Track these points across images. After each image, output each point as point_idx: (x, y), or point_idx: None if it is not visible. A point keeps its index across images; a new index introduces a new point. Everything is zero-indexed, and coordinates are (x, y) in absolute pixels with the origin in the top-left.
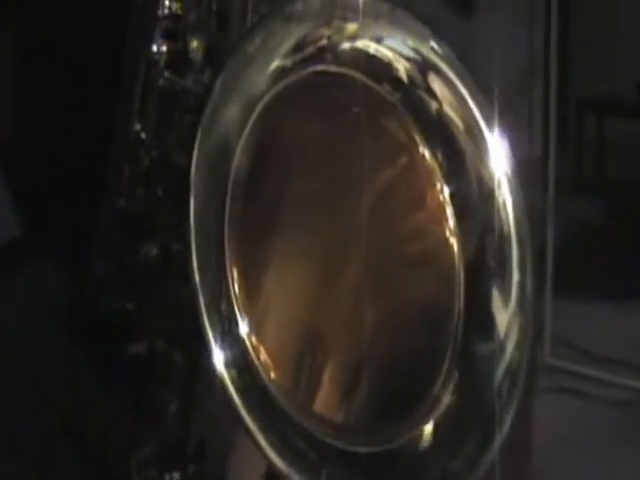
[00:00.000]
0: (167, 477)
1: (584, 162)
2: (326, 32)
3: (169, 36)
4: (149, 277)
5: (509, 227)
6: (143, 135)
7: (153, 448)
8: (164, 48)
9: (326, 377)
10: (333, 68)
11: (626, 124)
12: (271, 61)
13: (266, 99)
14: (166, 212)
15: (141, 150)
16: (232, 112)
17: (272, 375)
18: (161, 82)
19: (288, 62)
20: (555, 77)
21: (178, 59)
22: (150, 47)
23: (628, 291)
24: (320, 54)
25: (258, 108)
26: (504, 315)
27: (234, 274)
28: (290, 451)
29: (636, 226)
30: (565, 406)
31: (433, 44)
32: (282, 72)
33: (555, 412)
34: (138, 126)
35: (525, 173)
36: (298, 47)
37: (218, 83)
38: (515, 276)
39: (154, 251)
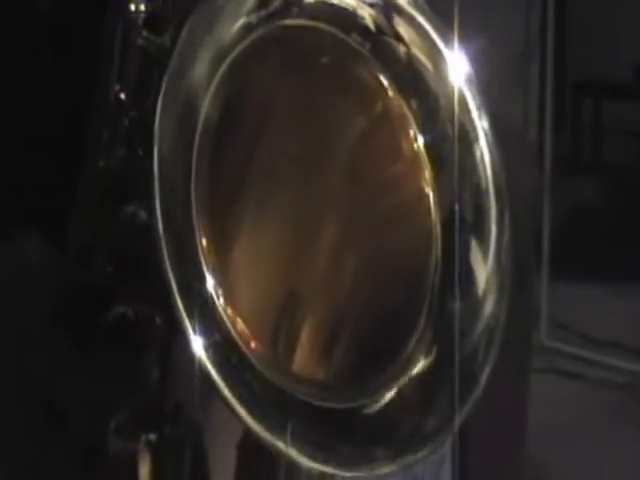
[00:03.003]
0: (143, 438)
1: (581, 145)
2: None
3: None
4: (129, 240)
5: (487, 181)
6: (122, 95)
7: (131, 410)
8: (142, 7)
9: (304, 337)
10: (300, 21)
11: (623, 107)
12: (237, 18)
13: (235, 53)
14: (146, 173)
15: (121, 110)
16: (200, 64)
17: (249, 340)
18: (139, 41)
19: (253, 19)
20: (552, 60)
21: (156, 17)
22: (128, 6)
23: (624, 273)
24: (285, 8)
25: (227, 61)
26: (482, 270)
27: (203, 242)
28: (260, 407)
29: (632, 209)
30: (561, 388)
31: None
32: (248, 28)
33: (551, 394)
34: (117, 86)
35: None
36: (262, 3)
37: (184, 32)
38: (493, 230)
39: (134, 213)
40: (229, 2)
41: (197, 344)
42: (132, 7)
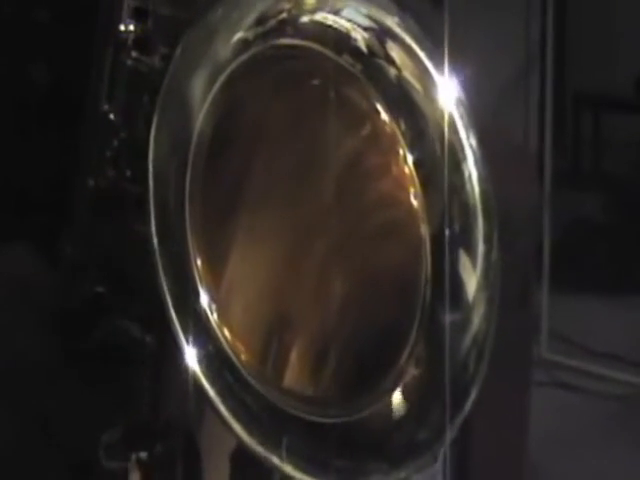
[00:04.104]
0: (134, 457)
1: (580, 157)
2: (286, 6)
3: (137, 15)
4: (118, 259)
5: (475, 199)
6: (112, 115)
7: (121, 429)
8: (132, 27)
9: (295, 351)
10: (294, 41)
11: (623, 120)
12: (234, 33)
13: (228, 71)
14: (134, 192)
15: (110, 131)
16: (194, 83)
17: (241, 355)
18: (129, 62)
19: (250, 35)
20: (552, 72)
21: (146, 38)
22: (118, 27)
23: (625, 286)
24: (281, 27)
25: (220, 80)
26: (470, 285)
27: (197, 258)
28: (254, 422)
29: (633, 221)
30: (562, 401)
31: (389, 12)
32: (245, 44)
33: (552, 407)
34: (106, 106)
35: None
36: (260, 20)
37: (178, 52)
38: (481, 248)
39: (123, 233)
40: (226, 18)
41: (191, 356)
42: (122, 27)
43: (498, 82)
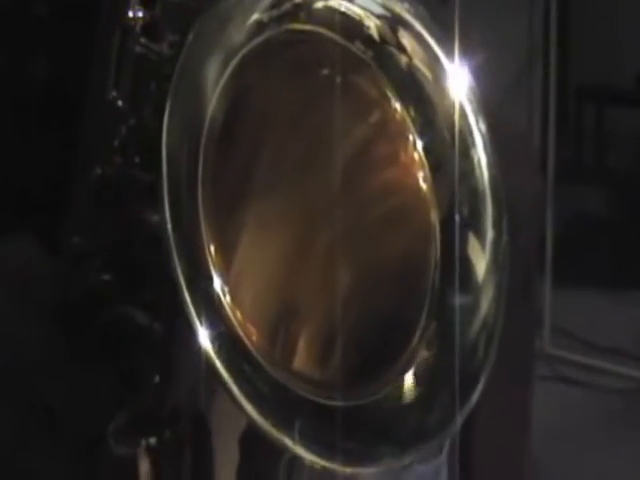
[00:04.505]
0: (143, 442)
1: (583, 150)
2: None
3: (145, 2)
4: (125, 247)
5: (484, 184)
6: (119, 102)
7: (129, 415)
8: (140, 14)
9: (305, 336)
10: (307, 26)
11: (625, 113)
12: (249, 16)
13: (240, 55)
14: (142, 180)
15: (118, 118)
16: (207, 69)
17: (252, 337)
18: (137, 49)
19: (265, 17)
20: (555, 66)
21: (154, 25)
22: (126, 13)
23: (627, 280)
24: (295, 12)
25: (234, 61)
26: (480, 268)
27: (210, 243)
28: (266, 404)
29: (635, 215)
30: (564, 395)
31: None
32: (259, 26)
33: (554, 401)
34: (114, 93)
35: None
36: (275, 3)
37: (191, 38)
38: (490, 233)
39: (132, 221)
40: (240, 3)
41: (204, 337)
42: (130, 14)
43: (501, 76)
